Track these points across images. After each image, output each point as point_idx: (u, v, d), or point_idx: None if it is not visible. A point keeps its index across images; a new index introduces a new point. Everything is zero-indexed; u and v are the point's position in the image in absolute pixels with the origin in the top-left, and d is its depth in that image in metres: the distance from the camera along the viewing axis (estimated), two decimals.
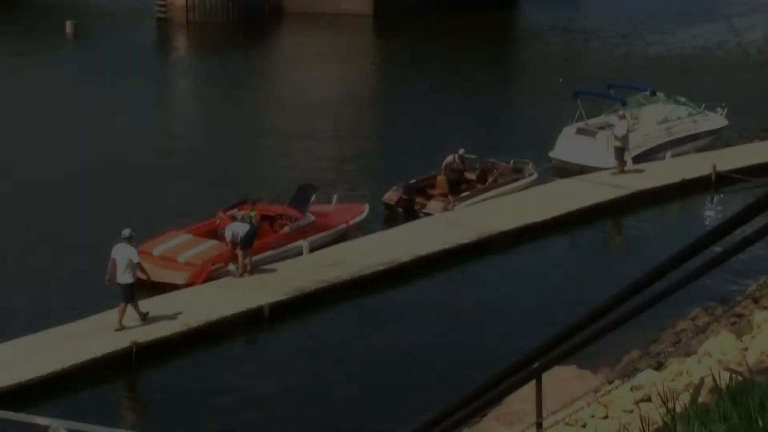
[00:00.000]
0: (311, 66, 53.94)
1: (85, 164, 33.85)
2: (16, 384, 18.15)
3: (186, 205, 28.45)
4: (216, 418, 18.03)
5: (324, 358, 20.36)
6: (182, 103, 47.02)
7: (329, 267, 24.22)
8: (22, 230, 27.29)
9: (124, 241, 21.09)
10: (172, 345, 20.45)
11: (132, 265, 20.85)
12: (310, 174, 32.62)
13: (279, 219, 25.94)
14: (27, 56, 54.96)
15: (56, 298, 22.89)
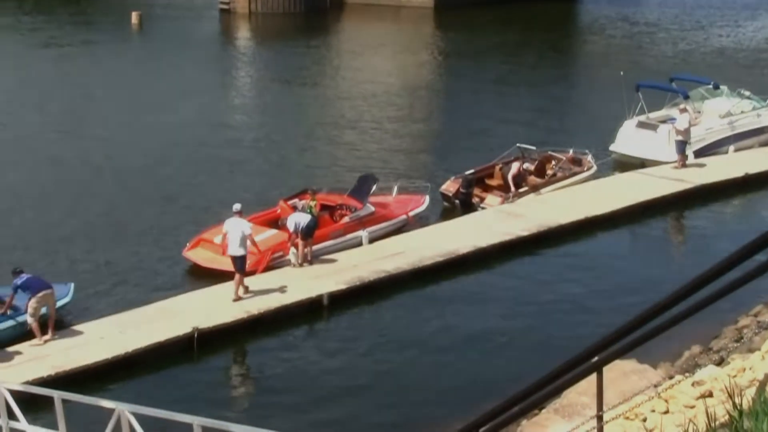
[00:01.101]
0: (372, 57, 54.11)
1: (149, 153, 34.35)
2: (83, 366, 18.51)
3: (248, 194, 28.73)
4: (273, 404, 18.22)
5: (382, 347, 20.48)
6: (244, 93, 47.38)
7: (389, 257, 24.35)
8: (93, 218, 27.77)
9: (236, 215, 22.00)
10: (232, 332, 20.68)
11: (245, 237, 21.70)
12: (371, 164, 32.82)
13: (339, 209, 26.09)
14: (94, 46, 55.78)
15: (123, 283, 23.26)
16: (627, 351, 7.61)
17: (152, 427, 12.12)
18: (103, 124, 38.45)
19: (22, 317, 19.95)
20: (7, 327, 19.80)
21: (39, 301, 19.53)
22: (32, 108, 40.98)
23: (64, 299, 20.71)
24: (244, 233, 21.81)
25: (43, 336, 19.57)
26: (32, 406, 14.09)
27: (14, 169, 32.59)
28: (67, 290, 21.02)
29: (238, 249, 21.76)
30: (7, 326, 19.82)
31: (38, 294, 19.52)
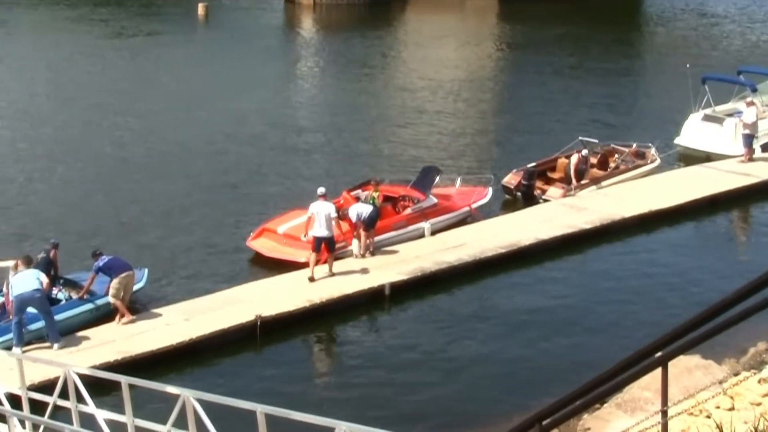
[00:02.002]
0: (436, 49, 54.04)
1: (214, 143, 34.69)
2: (149, 352, 18.79)
3: (312, 184, 28.88)
4: (333, 393, 18.36)
5: (443, 338, 20.52)
6: (308, 84, 47.58)
7: (450, 249, 24.38)
8: (158, 206, 28.13)
9: (321, 198, 22.51)
10: (294, 320, 20.85)
11: (330, 219, 22.26)
12: (434, 156, 32.84)
13: (402, 200, 26.14)
14: (161, 37, 56.36)
15: (188, 272, 23.55)
16: (692, 346, 7.60)
17: (216, 414, 12.23)
18: (169, 114, 38.88)
19: (99, 301, 20.35)
20: (84, 311, 20.21)
21: (121, 282, 19.94)
22: (99, 97, 41.52)
23: (139, 284, 21.08)
24: (330, 215, 22.30)
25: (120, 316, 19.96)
26: (99, 390, 14.30)
27: (83, 157, 33.12)
28: (141, 275, 21.39)
29: (325, 230, 22.32)
30: (84, 310, 20.23)
31: (121, 275, 19.90)
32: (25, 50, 52.35)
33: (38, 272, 19.06)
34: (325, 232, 22.41)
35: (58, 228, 25.69)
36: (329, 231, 22.47)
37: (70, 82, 44.44)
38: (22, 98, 41.44)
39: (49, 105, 40.43)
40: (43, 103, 40.81)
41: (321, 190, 22.96)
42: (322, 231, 22.40)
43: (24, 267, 19.31)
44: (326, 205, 22.64)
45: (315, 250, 22.45)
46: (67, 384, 13.58)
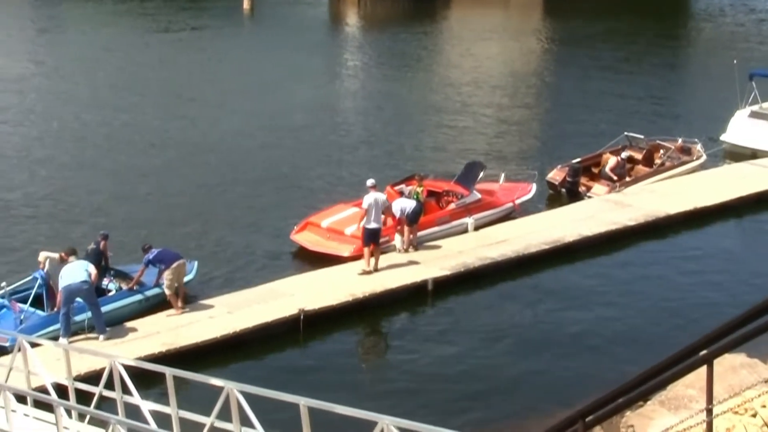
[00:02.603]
0: (480, 44, 53.92)
1: (258, 137, 34.88)
2: (192, 344, 18.93)
3: (356, 178, 28.99)
4: (376, 387, 18.38)
5: (486, 334, 20.48)
6: (352, 79, 47.63)
7: (494, 245, 24.35)
8: (203, 199, 28.36)
9: (371, 189, 22.54)
10: (337, 314, 20.91)
11: (381, 211, 22.44)
12: (478, 151, 32.80)
13: (446, 195, 26.12)
14: (206, 31, 56.74)
15: (232, 264, 23.69)
16: (737, 345, 7.56)
17: (259, 406, 12.32)
18: (215, 107, 39.15)
19: (148, 292, 20.58)
20: (133, 302, 20.46)
21: (173, 272, 20.14)
22: (146, 91, 41.90)
23: (188, 276, 21.28)
24: (382, 206, 22.41)
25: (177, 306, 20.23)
26: (144, 382, 14.43)
27: (130, 149, 33.46)
28: (191, 267, 21.60)
29: (376, 222, 22.38)
30: (133, 301, 20.48)
31: (172, 265, 20.11)
32: (75, 45, 52.95)
33: (87, 264, 19.27)
34: (375, 224, 22.49)
35: (106, 219, 26.02)
36: (380, 223, 22.58)
37: (117, 76, 44.85)
38: (71, 92, 41.95)
39: (97, 98, 40.81)
40: (91, 97, 41.20)
41: (371, 182, 23.01)
42: (375, 223, 22.46)
43: (74, 258, 19.52)
44: (380, 195, 22.74)
45: (367, 244, 22.48)
46: (113, 375, 13.75)
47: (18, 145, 34.21)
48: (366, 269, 22.36)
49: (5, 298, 19.81)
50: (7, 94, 41.66)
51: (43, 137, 35.24)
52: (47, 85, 43.79)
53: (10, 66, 46.88)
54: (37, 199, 28.47)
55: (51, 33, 57.92)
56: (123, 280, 21.00)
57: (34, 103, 40.16)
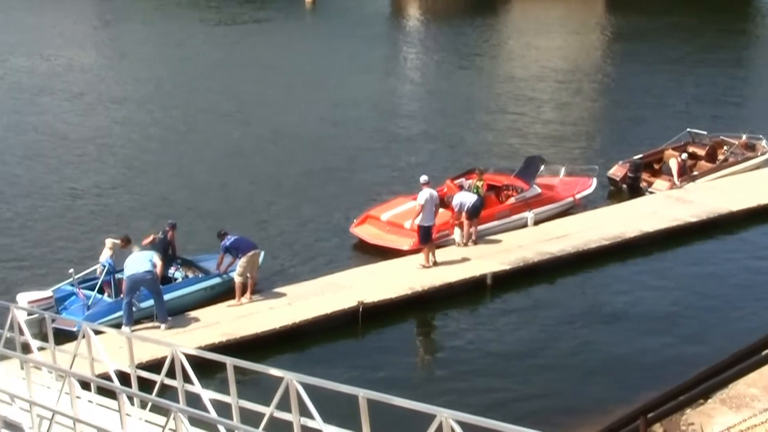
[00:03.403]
0: (541, 37, 53.62)
1: (318, 130, 35.04)
2: (252, 335, 19.09)
3: (416, 172, 28.98)
4: (434, 380, 18.39)
5: (544, 329, 20.40)
6: (413, 72, 47.65)
7: (553, 239, 24.26)
8: (265, 191, 28.63)
9: (425, 186, 22.45)
10: (396, 307, 20.95)
11: (435, 207, 22.32)
12: (538, 145, 32.66)
13: (505, 189, 26.05)
14: (268, 24, 57.05)
15: (292, 256, 23.84)
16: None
17: (318, 397, 12.38)
18: (277, 100, 39.41)
19: (214, 280, 20.82)
20: (198, 289, 20.75)
21: (248, 260, 20.35)
22: (209, 83, 42.28)
23: None
24: (436, 203, 22.31)
25: (242, 297, 20.39)
26: (204, 371, 14.56)
27: (193, 141, 33.87)
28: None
29: (431, 220, 22.36)
30: (199, 288, 20.78)
31: (247, 253, 20.29)
32: (139, 37, 53.53)
33: (152, 254, 19.45)
34: (431, 221, 22.48)
35: (171, 208, 26.36)
36: (433, 220, 22.55)
37: (180, 69, 45.33)
38: (135, 84, 42.50)
39: (160, 91, 41.30)
40: (154, 89, 41.72)
41: (424, 178, 22.97)
42: (430, 220, 22.44)
43: (137, 248, 19.73)
44: (433, 192, 22.69)
45: (425, 241, 22.45)
46: (174, 363, 13.91)
47: (85, 135, 34.84)
48: (425, 265, 22.37)
49: (73, 286, 20.15)
50: (73, 85, 42.41)
51: (110, 127, 35.84)
52: (112, 77, 44.37)
53: (76, 59, 47.65)
54: (106, 188, 29.08)
55: (116, 26, 58.64)
56: (189, 269, 21.29)
57: (99, 95, 40.76)
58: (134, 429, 13.09)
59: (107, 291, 20.11)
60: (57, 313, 19.31)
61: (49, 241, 24.98)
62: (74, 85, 42.56)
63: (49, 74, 44.84)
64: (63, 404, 13.40)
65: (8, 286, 21.54)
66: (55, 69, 45.84)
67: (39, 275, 22.24)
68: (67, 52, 49.35)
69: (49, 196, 28.45)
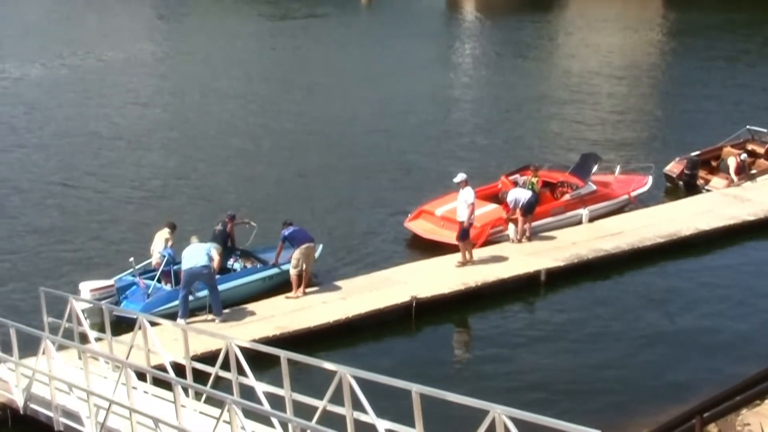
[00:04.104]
0: (597, 34, 53.32)
1: (374, 125, 35.14)
2: (306, 329, 19.16)
3: (469, 167, 28.92)
4: (487, 376, 18.32)
5: (598, 327, 20.26)
6: (469, 67, 47.59)
7: (608, 237, 24.11)
8: (320, 185, 28.77)
9: (464, 185, 22.19)
10: (449, 302, 20.93)
11: (466, 205, 21.96)
12: (594, 142, 32.48)
13: (560, 186, 25.95)
14: (324, 19, 57.26)
15: (345, 251, 23.89)
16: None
17: (371, 391, 12.42)
18: (332, 94, 39.57)
19: (271, 271, 21.05)
20: (255, 280, 20.95)
21: (302, 253, 20.45)
22: (265, 77, 42.57)
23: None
24: (467, 201, 22.08)
25: (297, 290, 20.53)
26: (258, 363, 14.65)
27: (247, 136, 34.12)
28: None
29: (460, 216, 22.18)
30: (256, 279, 20.97)
31: (301, 246, 20.40)
32: (195, 32, 54.02)
33: (210, 247, 19.45)
34: (460, 217, 22.24)
35: (229, 201, 26.56)
36: (463, 217, 22.19)
37: (237, 63, 45.67)
38: (193, 79, 42.92)
39: (217, 84, 41.68)
40: (212, 82, 42.10)
41: (462, 177, 22.44)
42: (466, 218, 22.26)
43: (195, 238, 19.81)
44: (464, 192, 22.24)
45: (463, 238, 22.34)
46: (229, 356, 14.03)
47: (144, 128, 35.36)
48: (462, 261, 22.25)
49: (134, 276, 20.40)
50: (132, 79, 42.95)
51: (168, 121, 36.34)
52: (170, 72, 44.86)
53: (134, 54, 48.19)
54: (165, 180, 29.55)
55: (173, 21, 59.23)
56: (248, 260, 21.46)
57: (157, 89, 41.24)
58: (189, 420, 13.21)
59: (166, 281, 20.34)
60: (118, 302, 19.69)
61: (112, 231, 25.40)
62: (133, 79, 43.13)
63: (108, 69, 45.46)
64: (119, 394, 13.58)
65: (72, 274, 21.85)
66: (114, 64, 46.46)
67: (102, 264, 22.60)
68: (125, 47, 49.96)
69: (111, 187, 28.96)
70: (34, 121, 36.61)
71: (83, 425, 14.08)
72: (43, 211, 26.90)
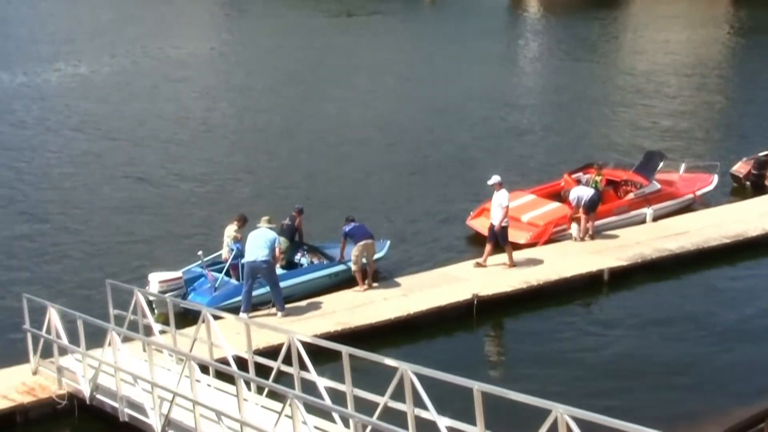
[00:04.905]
0: (662, 31, 52.79)
1: (435, 121, 35.14)
2: (367, 325, 19.19)
3: (532, 165, 28.86)
4: (549, 375, 18.21)
5: (662, 327, 20.04)
6: (533, 65, 47.38)
7: (672, 236, 23.87)
8: (383, 181, 28.80)
9: (498, 187, 21.93)
10: (510, 300, 20.84)
11: (500, 208, 21.66)
12: (658, 140, 32.18)
13: (624, 185, 25.74)
14: (387, 16, 57.34)
15: (407, 247, 23.91)
16: None
17: (432, 388, 12.41)
18: (394, 91, 39.65)
19: (337, 267, 21.17)
20: (321, 276, 21.07)
21: (360, 249, 20.52)
22: (327, 74, 42.72)
23: (379, 254, 21.74)
24: (501, 205, 21.75)
25: (363, 283, 20.67)
26: (319, 358, 14.71)
27: (311, 131, 34.34)
28: (381, 246, 22.05)
29: (494, 218, 21.90)
30: (321, 275, 21.10)
31: (360, 242, 20.48)
32: (259, 27, 54.39)
33: (273, 240, 19.31)
34: (494, 220, 21.90)
35: (294, 195, 26.73)
36: (495, 220, 21.77)
37: (301, 58, 45.93)
38: (258, 74, 43.27)
39: (282, 79, 42.00)
40: (276, 77, 42.43)
41: (496, 179, 22.09)
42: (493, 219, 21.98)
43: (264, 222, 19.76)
44: (499, 194, 21.88)
45: (492, 240, 21.95)
46: (291, 350, 14.10)
47: (214, 122, 35.88)
48: (481, 263, 21.91)
49: (203, 268, 20.59)
50: (199, 74, 43.43)
51: (234, 115, 36.81)
52: (235, 66, 45.25)
53: (201, 49, 48.80)
54: (233, 173, 29.97)
55: (238, 17, 59.71)
56: (315, 255, 21.56)
57: (224, 84, 41.70)
58: (251, 413, 13.30)
59: (234, 274, 20.51)
60: (186, 294, 19.95)
61: (181, 224, 25.72)
62: (199, 74, 43.62)
63: (174, 65, 46.00)
64: (183, 387, 13.71)
65: (143, 266, 22.11)
66: (181, 60, 47.01)
67: (172, 255, 22.85)
68: (193, 43, 50.54)
69: (179, 181, 29.43)
70: (104, 116, 37.26)
71: (147, 416, 14.23)
72: (114, 204, 27.29)
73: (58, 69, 46.01)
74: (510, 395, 11.48)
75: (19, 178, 29.63)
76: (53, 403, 15.80)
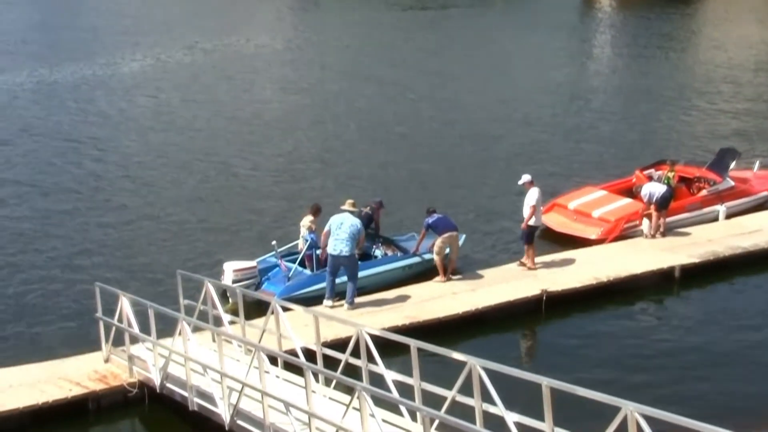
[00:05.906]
0: (739, 25, 52.04)
1: (503, 117, 35.05)
2: (434, 319, 19.17)
3: (604, 160, 28.64)
4: (617, 372, 18.05)
5: (734, 326, 19.75)
6: (605, 61, 47.02)
7: (746, 234, 23.54)
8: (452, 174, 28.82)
9: (530, 185, 21.67)
10: (579, 296, 20.69)
11: (528, 207, 21.32)
12: (732, 136, 31.74)
13: (697, 182, 25.45)
14: (456, 11, 57.25)
15: (475, 243, 23.81)
16: None
17: (500, 383, 12.38)
18: (464, 87, 39.55)
19: (412, 260, 21.19)
20: (395, 268, 21.09)
21: (444, 241, 20.56)
22: (396, 69, 42.76)
23: None
24: (528, 204, 21.37)
25: (445, 274, 20.69)
26: (387, 351, 14.71)
27: (380, 125, 34.46)
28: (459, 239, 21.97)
29: (538, 220, 21.59)
30: (396, 267, 21.10)
31: (444, 234, 20.47)
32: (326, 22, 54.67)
33: (357, 232, 19.18)
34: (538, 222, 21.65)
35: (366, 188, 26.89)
36: (530, 221, 21.36)
37: (369, 53, 46.08)
38: (325, 69, 43.49)
39: (350, 74, 42.11)
40: (344, 73, 42.56)
41: (527, 178, 21.76)
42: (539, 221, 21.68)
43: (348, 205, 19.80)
44: (530, 193, 21.48)
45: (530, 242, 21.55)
46: (359, 343, 14.14)
47: (289, 113, 36.24)
48: (524, 262, 21.62)
49: (277, 258, 20.75)
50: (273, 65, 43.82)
51: (312, 106, 37.22)
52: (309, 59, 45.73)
53: (275, 42, 49.19)
54: (309, 166, 30.18)
55: (303, 12, 60.05)
56: (389, 248, 21.60)
57: (299, 76, 42.15)
58: (319, 405, 13.36)
59: (308, 264, 20.61)
60: (260, 283, 20.13)
61: (257, 214, 25.92)
62: (273, 67, 44.03)
63: (249, 57, 46.45)
64: (252, 377, 13.81)
65: (217, 255, 22.31)
66: (255, 52, 47.52)
67: (247, 245, 23.01)
68: (266, 36, 51.00)
69: (254, 171, 29.74)
70: (180, 107, 37.79)
71: (216, 406, 14.37)
72: (190, 194, 27.58)
73: (135, 59, 46.84)
74: (579, 392, 11.41)
75: (99, 167, 30.09)
76: (124, 391, 16.01)
